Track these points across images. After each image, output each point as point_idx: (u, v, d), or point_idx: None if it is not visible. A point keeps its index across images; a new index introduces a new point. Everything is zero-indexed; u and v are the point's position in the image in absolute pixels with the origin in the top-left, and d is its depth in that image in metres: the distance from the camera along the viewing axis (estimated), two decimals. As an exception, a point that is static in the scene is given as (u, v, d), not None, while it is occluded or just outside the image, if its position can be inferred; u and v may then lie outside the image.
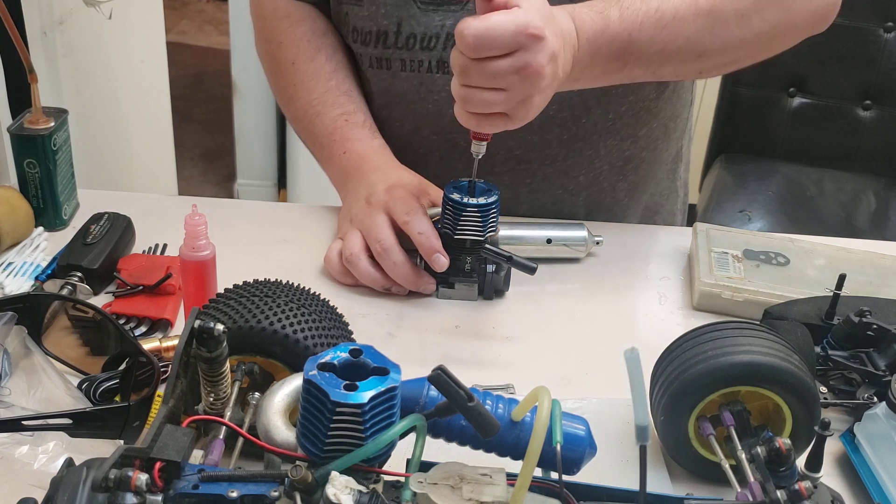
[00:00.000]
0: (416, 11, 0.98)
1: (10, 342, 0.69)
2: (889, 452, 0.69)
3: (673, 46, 0.89)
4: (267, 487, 0.52)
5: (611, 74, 0.90)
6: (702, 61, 0.92)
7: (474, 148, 0.84)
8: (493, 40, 0.75)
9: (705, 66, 0.94)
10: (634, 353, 0.52)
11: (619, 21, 0.86)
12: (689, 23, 0.88)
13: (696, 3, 0.88)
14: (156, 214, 1.02)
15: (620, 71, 0.90)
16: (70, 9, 1.50)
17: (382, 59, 1.02)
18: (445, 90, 1.00)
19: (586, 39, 0.85)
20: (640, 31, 0.87)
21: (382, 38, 1.00)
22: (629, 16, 0.87)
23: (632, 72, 0.91)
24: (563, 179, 1.07)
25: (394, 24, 0.99)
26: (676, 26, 0.88)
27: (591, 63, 0.86)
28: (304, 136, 1.08)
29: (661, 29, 0.88)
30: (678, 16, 0.88)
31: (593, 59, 0.86)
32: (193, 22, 4.31)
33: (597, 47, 0.86)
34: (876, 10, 1.96)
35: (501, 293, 0.94)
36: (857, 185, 2.05)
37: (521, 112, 0.80)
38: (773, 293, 0.91)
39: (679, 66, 0.93)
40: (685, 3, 0.88)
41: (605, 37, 0.86)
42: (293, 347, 0.64)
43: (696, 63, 0.93)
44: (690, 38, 0.89)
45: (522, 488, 0.52)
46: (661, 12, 0.88)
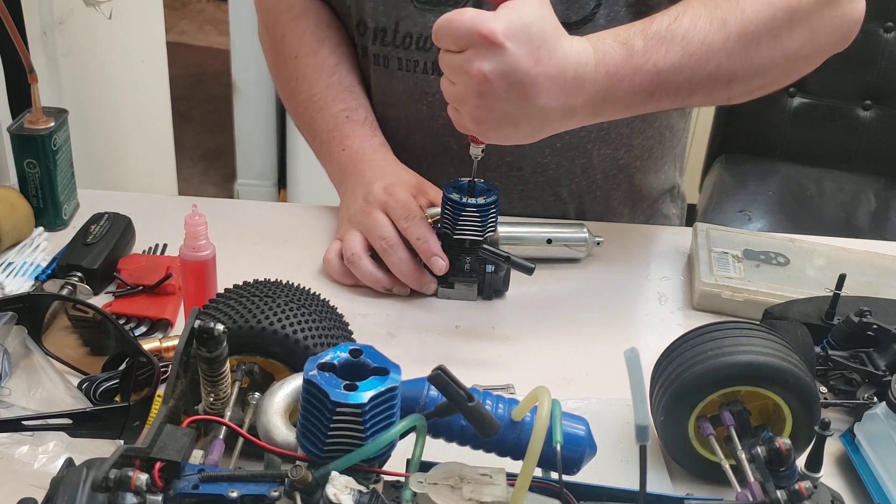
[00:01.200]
0: (412, 11, 0.98)
1: (10, 342, 0.69)
2: (889, 452, 0.69)
3: (702, 74, 0.84)
4: (267, 487, 0.52)
5: (637, 107, 0.85)
6: (731, 87, 0.88)
7: (472, 150, 0.85)
8: (446, 30, 0.76)
9: (735, 93, 0.89)
10: (634, 353, 0.52)
11: (642, 52, 0.81)
12: (719, 48, 0.83)
13: (724, 26, 0.83)
14: (156, 214, 1.02)
15: (647, 103, 0.84)
16: (70, 9, 1.50)
17: (382, 57, 1.02)
18: (440, 93, 0.99)
19: (605, 72, 0.80)
20: (665, 59, 0.82)
21: (381, 35, 1.00)
22: (653, 45, 0.81)
23: (659, 103, 0.85)
24: (556, 187, 1.06)
25: (392, 22, 0.99)
26: (705, 52, 0.83)
27: (611, 96, 0.81)
28: (305, 131, 1.08)
29: (689, 56, 0.82)
30: (706, 41, 0.83)
31: (614, 92, 0.81)
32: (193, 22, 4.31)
33: (618, 79, 0.81)
34: (876, 10, 1.96)
35: (501, 293, 0.94)
36: (857, 185, 2.05)
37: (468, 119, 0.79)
38: (773, 293, 0.91)
39: (709, 94, 0.87)
40: (714, 26, 0.83)
41: (627, 68, 0.81)
42: (293, 347, 0.64)
43: (726, 90, 0.88)
44: (721, 63, 0.84)
45: (522, 488, 0.52)
46: (688, 39, 0.82)
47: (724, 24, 0.84)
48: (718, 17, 0.84)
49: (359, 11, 1.01)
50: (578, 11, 0.95)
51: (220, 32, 4.09)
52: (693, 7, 0.85)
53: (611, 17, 0.96)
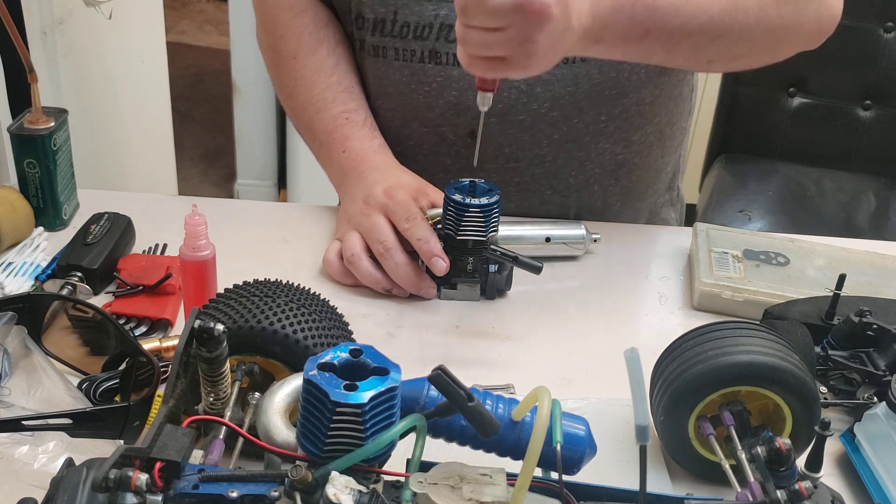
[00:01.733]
0: (410, 0, 0.98)
1: (10, 342, 0.69)
2: (889, 452, 0.69)
3: (695, 22, 0.87)
4: (267, 487, 0.52)
5: (631, 43, 0.86)
6: (716, 45, 0.90)
7: (479, 99, 0.81)
8: None
9: (716, 53, 0.92)
10: (634, 353, 0.52)
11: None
12: (713, 1, 0.87)
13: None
14: (156, 214, 1.02)
15: (641, 41, 0.86)
16: (70, 9, 1.50)
17: (379, 48, 1.02)
18: (437, 82, 1.00)
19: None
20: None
21: (380, 25, 1.00)
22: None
23: (651, 44, 0.87)
24: (553, 180, 1.06)
25: (391, 12, 0.99)
26: (700, 2, 0.87)
27: (613, 22, 0.82)
28: (304, 132, 1.08)
29: (686, 1, 0.86)
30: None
31: (615, 18, 0.82)
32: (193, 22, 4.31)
33: (620, 4, 0.82)
34: (876, 10, 1.96)
35: (503, 293, 0.94)
36: (857, 185, 2.05)
37: (522, 56, 0.75)
38: (773, 293, 0.91)
39: (695, 47, 0.90)
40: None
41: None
42: (293, 347, 0.64)
43: (711, 46, 0.90)
44: (714, 16, 0.88)
45: (522, 488, 0.52)
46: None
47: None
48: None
49: (358, 4, 1.01)
50: None
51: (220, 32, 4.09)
52: None
53: None
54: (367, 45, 1.03)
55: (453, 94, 1.00)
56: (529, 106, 1.00)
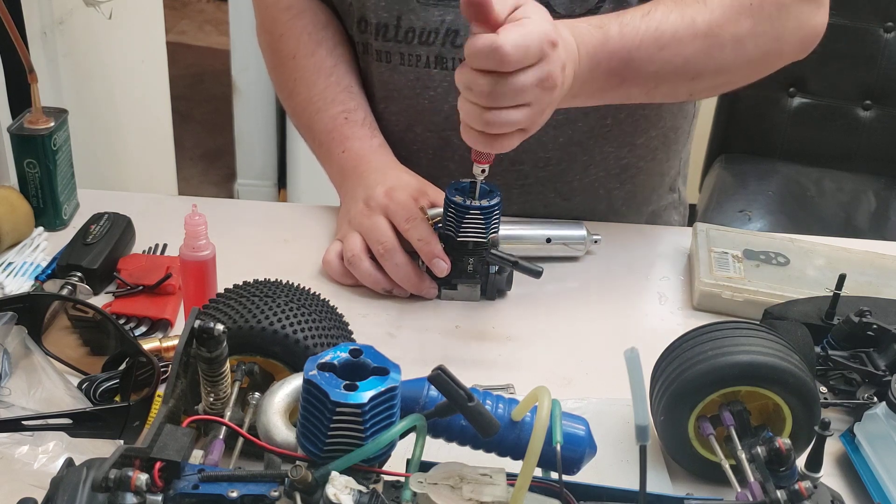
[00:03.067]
0: (415, 5, 0.98)
1: (10, 342, 0.69)
2: (889, 452, 0.69)
3: (670, 67, 0.89)
4: (267, 487, 0.52)
5: (608, 92, 0.90)
6: (695, 83, 0.93)
7: (476, 170, 0.84)
8: (529, 49, 0.74)
9: (697, 88, 0.95)
10: (634, 353, 0.52)
11: (618, 37, 0.86)
12: (688, 44, 0.89)
13: (693, 24, 0.88)
14: (156, 214, 1.02)
15: (617, 88, 0.90)
16: (70, 9, 1.50)
17: (383, 52, 1.02)
18: (442, 86, 1.00)
19: (586, 53, 0.84)
20: (639, 49, 0.87)
21: (383, 30, 1.00)
22: (629, 32, 0.86)
23: (628, 90, 0.91)
24: (557, 183, 1.06)
25: (394, 18, 0.99)
26: (675, 46, 0.88)
27: (590, 78, 0.86)
28: (304, 132, 1.08)
29: (660, 49, 0.88)
30: (677, 36, 0.88)
31: (592, 75, 0.86)
32: (193, 22, 4.31)
33: (596, 62, 0.85)
34: (876, 10, 1.96)
35: (503, 293, 0.94)
36: (857, 185, 2.05)
37: (538, 124, 0.80)
38: (773, 293, 0.91)
39: (674, 87, 0.93)
40: (684, 24, 0.88)
41: (604, 52, 0.85)
42: (293, 347, 0.64)
43: (690, 84, 0.93)
44: (688, 59, 0.89)
45: (522, 488, 0.52)
46: (661, 32, 0.87)
47: (692, 23, 0.89)
48: (688, 16, 0.89)
49: (360, 8, 1.01)
50: (582, 5, 0.95)
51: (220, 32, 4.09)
52: (664, 3, 0.89)
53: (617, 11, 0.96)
54: (371, 49, 1.03)
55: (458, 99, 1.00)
56: None
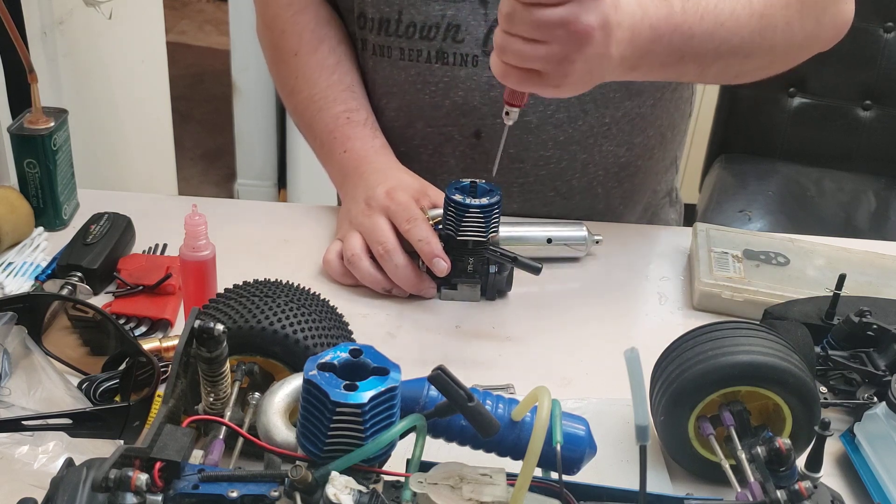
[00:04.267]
0: (416, 0, 0.98)
1: (10, 342, 0.69)
2: (889, 452, 0.69)
3: (727, 46, 0.89)
4: (267, 487, 0.52)
5: (668, 68, 0.89)
6: (746, 63, 0.93)
7: (508, 116, 0.81)
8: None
9: (746, 69, 0.94)
10: (634, 353, 0.52)
11: (681, 12, 0.85)
12: (745, 23, 0.89)
13: (750, 4, 0.89)
14: (156, 214, 1.02)
15: (677, 65, 0.88)
16: (70, 9, 1.50)
17: (384, 47, 1.02)
18: (443, 81, 1.00)
19: (650, 25, 0.83)
20: (700, 24, 0.86)
21: (385, 25, 1.00)
22: (690, 8, 0.86)
23: (686, 67, 0.89)
24: (556, 182, 1.06)
25: (395, 12, 0.99)
26: (733, 24, 0.88)
27: (650, 51, 0.84)
28: (305, 131, 1.08)
29: (720, 26, 0.87)
30: (735, 14, 0.88)
31: (653, 47, 0.84)
32: (193, 22, 4.31)
33: (659, 35, 0.84)
34: (876, 10, 1.96)
35: (503, 293, 0.94)
36: (857, 185, 2.05)
37: (559, 75, 0.76)
38: (773, 293, 0.91)
39: (726, 66, 0.92)
40: (741, 3, 0.88)
41: (668, 25, 0.84)
42: (293, 347, 0.64)
43: (742, 64, 0.93)
44: (744, 38, 0.89)
45: (522, 488, 0.52)
46: (720, 10, 0.87)
47: (749, 4, 0.89)
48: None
49: (360, 3, 1.01)
50: None
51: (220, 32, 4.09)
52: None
53: None
54: (370, 44, 1.03)
55: (459, 95, 1.00)
56: (536, 107, 1.00)
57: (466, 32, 0.97)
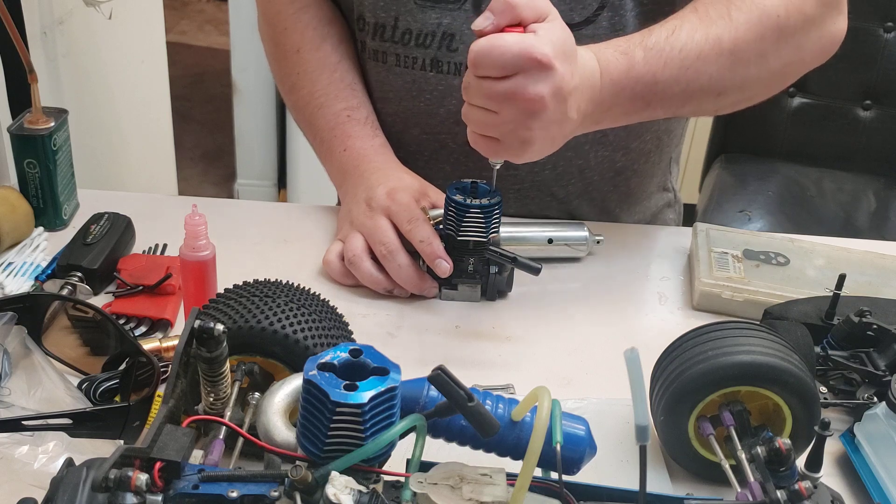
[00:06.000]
0: (412, 7, 0.97)
1: (10, 342, 0.69)
2: (889, 452, 0.69)
3: (695, 86, 0.88)
4: (267, 487, 0.52)
5: (633, 115, 0.89)
6: (720, 99, 0.92)
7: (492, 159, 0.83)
8: (492, 59, 0.74)
9: (722, 104, 0.94)
10: (634, 353, 0.52)
11: (643, 62, 0.84)
12: (712, 62, 0.87)
13: (719, 42, 0.87)
14: (156, 214, 1.02)
15: (643, 111, 0.88)
16: (70, 9, 1.50)
17: (380, 52, 1.02)
18: (438, 90, 1.00)
19: (610, 80, 0.83)
20: (664, 71, 0.85)
21: (380, 30, 1.00)
22: (653, 57, 0.85)
23: (654, 112, 0.89)
24: (552, 188, 1.06)
25: (391, 18, 0.99)
26: (700, 66, 0.87)
27: (614, 104, 0.85)
28: (305, 128, 1.07)
29: (685, 69, 0.86)
30: (702, 56, 0.87)
31: (616, 101, 0.85)
32: (193, 22, 4.31)
33: (620, 88, 0.84)
34: (876, 10, 1.96)
35: (504, 294, 0.94)
36: (857, 185, 2.05)
37: (516, 142, 0.78)
38: (773, 293, 0.91)
39: (699, 105, 0.92)
40: (709, 42, 0.87)
41: (629, 78, 0.84)
42: (293, 347, 0.64)
43: (715, 102, 0.92)
44: (713, 76, 0.88)
45: (522, 488, 0.52)
46: (685, 53, 0.86)
47: (718, 41, 0.87)
48: (713, 34, 0.87)
49: (359, 6, 1.01)
50: (581, 12, 0.95)
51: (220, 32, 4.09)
52: (689, 21, 0.88)
53: (614, 20, 0.96)
54: (367, 47, 1.03)
55: (454, 103, 1.00)
56: None
57: (461, 41, 0.97)
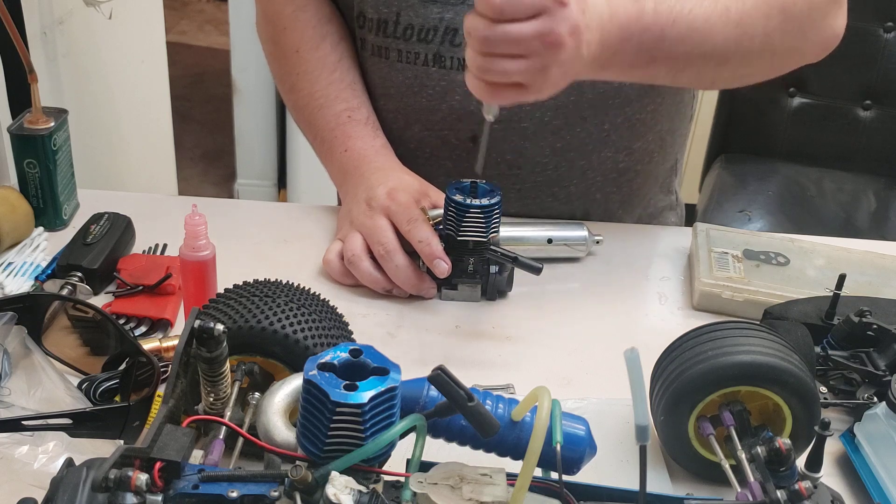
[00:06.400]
0: (414, 2, 0.97)
1: (10, 342, 0.69)
2: (889, 452, 0.69)
3: (699, 50, 0.88)
4: (267, 487, 0.52)
5: (637, 69, 0.89)
6: (721, 70, 0.92)
7: (486, 108, 0.81)
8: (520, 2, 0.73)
9: (721, 76, 0.94)
10: (634, 353, 0.52)
11: (653, 14, 0.85)
12: (719, 30, 0.88)
13: (727, 12, 0.88)
14: (156, 214, 1.02)
15: (646, 67, 0.88)
16: (70, 9, 1.50)
17: (382, 48, 1.01)
18: (440, 85, 1.00)
19: (618, 24, 0.83)
20: (672, 27, 0.86)
21: (383, 26, 1.00)
22: (663, 10, 0.85)
23: (657, 69, 0.89)
24: (554, 188, 1.06)
25: (393, 14, 0.98)
26: (707, 31, 0.87)
27: (620, 50, 0.84)
28: (305, 128, 1.07)
29: (692, 31, 0.87)
30: (709, 21, 0.87)
31: (623, 47, 0.84)
32: (193, 22, 4.31)
33: (628, 34, 0.84)
34: (876, 10, 1.96)
35: (504, 294, 0.94)
36: (857, 185, 2.05)
37: (539, 83, 0.78)
38: (773, 293, 0.91)
39: (699, 72, 0.92)
40: (717, 11, 0.88)
41: (638, 26, 0.84)
42: (293, 347, 0.64)
43: (715, 71, 0.92)
44: (717, 45, 0.89)
45: (522, 488, 0.52)
46: (694, 15, 0.87)
47: (726, 11, 0.88)
48: (722, 3, 0.88)
49: (360, 3, 1.01)
50: None
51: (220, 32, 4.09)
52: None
53: None
54: (368, 44, 1.02)
55: (456, 99, 1.00)
56: (533, 114, 1.00)
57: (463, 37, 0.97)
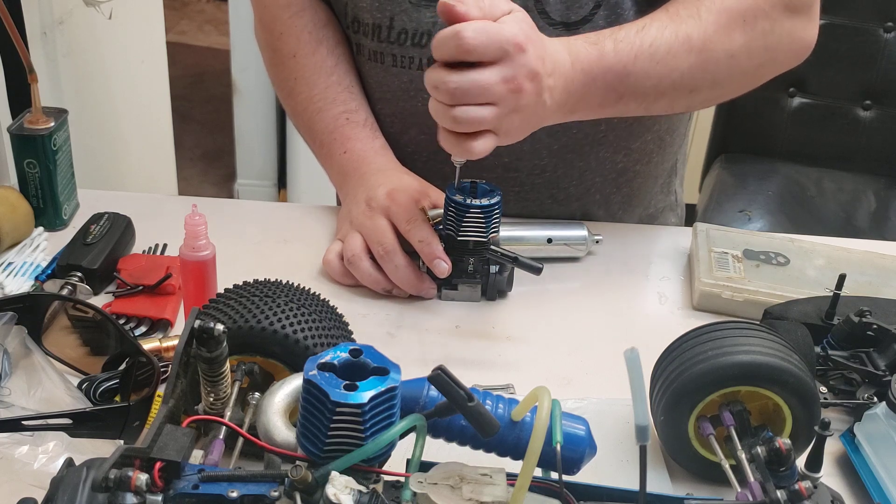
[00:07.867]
0: (407, 6, 0.97)
1: (10, 342, 0.69)
2: (889, 452, 0.69)
3: (667, 81, 0.90)
4: (267, 487, 0.52)
5: (607, 107, 0.90)
6: (692, 97, 0.94)
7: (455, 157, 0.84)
8: (490, 39, 0.75)
9: (694, 102, 0.96)
10: (634, 353, 0.52)
11: (613, 53, 0.87)
12: (682, 58, 0.89)
13: (688, 40, 0.89)
14: (156, 214, 1.02)
15: (616, 104, 0.90)
16: (70, 9, 1.50)
17: (377, 53, 1.01)
18: None
19: (581, 69, 0.85)
20: (634, 63, 0.87)
21: (377, 31, 1.00)
22: (623, 48, 0.87)
23: (627, 105, 0.91)
24: (553, 189, 1.06)
25: (387, 18, 0.99)
26: (671, 61, 0.89)
27: (587, 94, 0.86)
28: (304, 132, 1.07)
29: (656, 63, 0.88)
30: (672, 51, 0.88)
31: (588, 90, 0.86)
32: (193, 22, 4.31)
33: (592, 77, 0.86)
34: (876, 10, 1.96)
35: (504, 294, 0.94)
36: (857, 185, 2.05)
37: (506, 127, 0.80)
38: (773, 293, 0.91)
39: (671, 101, 0.93)
40: (678, 39, 0.89)
41: (600, 67, 0.86)
42: (293, 347, 0.64)
43: (688, 98, 0.94)
44: (684, 73, 0.90)
45: (522, 488, 0.52)
46: (655, 47, 0.88)
47: (688, 38, 0.89)
48: (683, 32, 0.89)
49: (353, 8, 1.01)
50: (578, 11, 0.95)
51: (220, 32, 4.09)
52: (659, 19, 0.90)
53: (611, 18, 0.96)
54: (364, 49, 1.03)
55: None
56: None
57: None
